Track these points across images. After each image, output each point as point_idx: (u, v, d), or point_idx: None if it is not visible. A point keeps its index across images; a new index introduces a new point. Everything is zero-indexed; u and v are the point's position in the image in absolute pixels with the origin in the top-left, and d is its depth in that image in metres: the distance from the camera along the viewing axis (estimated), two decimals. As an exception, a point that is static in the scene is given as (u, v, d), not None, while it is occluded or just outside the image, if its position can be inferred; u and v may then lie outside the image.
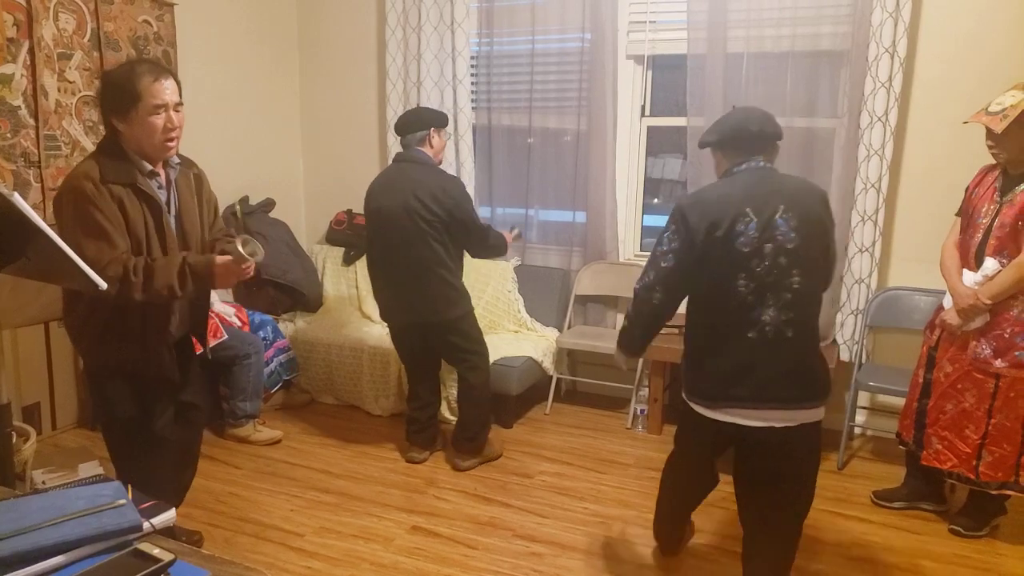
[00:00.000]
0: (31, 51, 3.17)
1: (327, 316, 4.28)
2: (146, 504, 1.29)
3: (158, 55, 3.71)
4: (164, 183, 2.16)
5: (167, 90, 2.04)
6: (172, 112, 2.06)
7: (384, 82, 4.32)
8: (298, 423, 3.80)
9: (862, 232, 3.46)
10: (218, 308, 3.57)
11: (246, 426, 3.54)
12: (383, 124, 4.42)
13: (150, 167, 2.10)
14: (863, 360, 3.52)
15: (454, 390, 3.54)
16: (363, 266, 4.23)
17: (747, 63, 3.61)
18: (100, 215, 1.97)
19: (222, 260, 2.05)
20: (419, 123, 3.15)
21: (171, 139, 2.08)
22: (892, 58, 3.28)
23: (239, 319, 3.70)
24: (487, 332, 3.99)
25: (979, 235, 2.64)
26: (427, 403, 3.39)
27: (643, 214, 4.15)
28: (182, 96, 2.12)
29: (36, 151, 3.25)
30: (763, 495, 2.19)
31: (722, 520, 2.80)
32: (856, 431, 3.65)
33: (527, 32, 4.05)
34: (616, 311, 4.15)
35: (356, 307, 4.35)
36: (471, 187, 4.20)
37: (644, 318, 2.22)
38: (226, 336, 3.42)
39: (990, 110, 2.54)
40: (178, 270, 2.02)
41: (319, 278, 4.49)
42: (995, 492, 2.66)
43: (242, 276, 2.11)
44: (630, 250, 4.16)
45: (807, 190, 2.12)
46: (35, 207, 3.09)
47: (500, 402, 3.76)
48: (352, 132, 4.62)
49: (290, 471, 3.28)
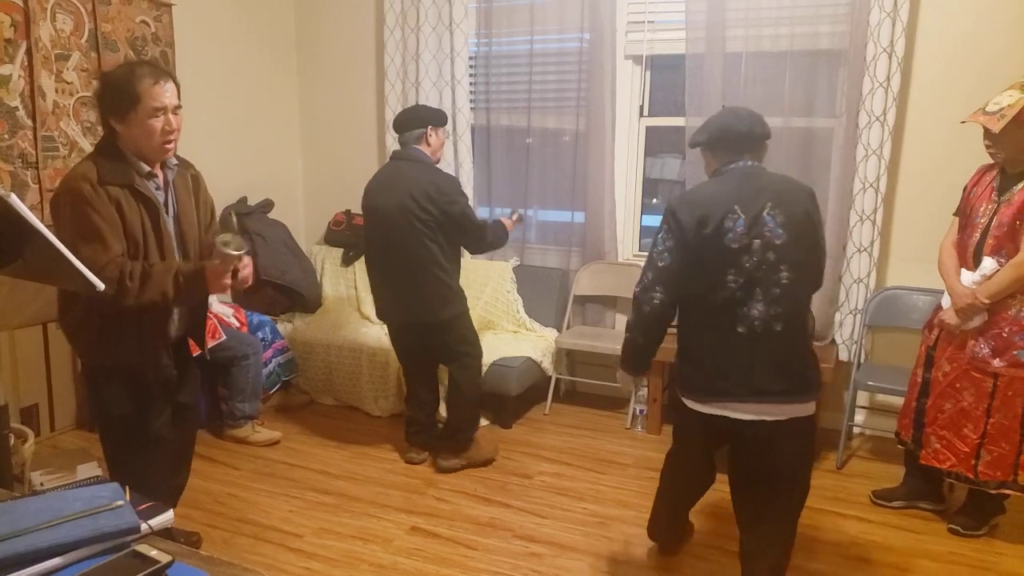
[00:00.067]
0: (28, 52, 3.17)
1: (326, 317, 4.28)
2: (144, 505, 1.29)
3: (156, 56, 3.70)
4: (162, 184, 2.16)
5: (167, 93, 2.04)
6: (171, 115, 2.06)
7: (383, 83, 4.32)
8: (297, 424, 3.79)
9: (860, 232, 3.47)
10: (216, 309, 3.57)
11: (245, 427, 3.54)
12: (382, 125, 4.41)
13: (148, 168, 2.10)
14: (862, 360, 3.52)
15: (450, 390, 3.54)
16: (362, 267, 4.22)
17: (745, 63, 3.61)
18: (97, 217, 1.97)
19: (211, 265, 2.05)
20: (416, 121, 3.13)
21: (169, 141, 2.08)
22: (890, 58, 3.28)
23: (237, 320, 3.70)
24: (486, 332, 4.00)
25: (977, 234, 2.64)
26: (425, 404, 3.39)
27: (642, 214, 4.15)
28: (180, 98, 2.12)
29: (34, 152, 3.24)
30: (757, 491, 2.21)
31: (721, 520, 2.80)
32: (855, 430, 3.65)
33: (526, 32, 4.05)
34: (615, 311, 4.15)
35: (355, 308, 4.35)
36: (470, 187, 4.20)
37: (646, 320, 2.20)
38: (224, 337, 3.43)
39: (987, 110, 2.54)
40: (172, 277, 2.02)
41: (318, 279, 4.49)
42: (994, 491, 2.67)
43: (244, 281, 2.11)
44: (629, 250, 4.16)
45: (795, 188, 2.15)
46: (33, 208, 3.08)
47: (499, 402, 3.77)
48: (351, 132, 4.62)
49: (289, 472, 3.27)
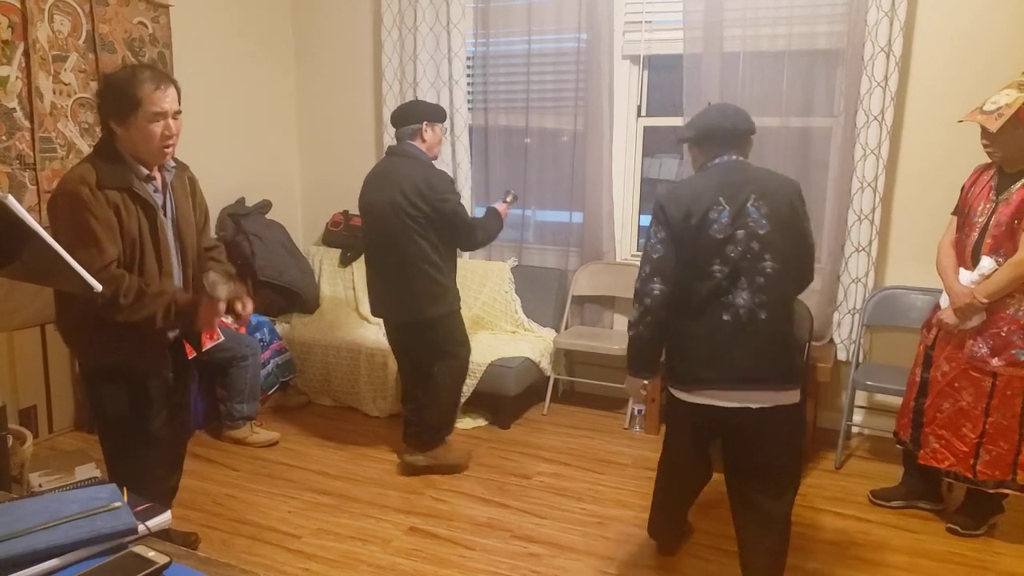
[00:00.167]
0: (26, 53, 3.17)
1: (324, 317, 4.28)
2: (141, 506, 1.29)
3: (153, 57, 3.70)
4: (160, 187, 2.15)
5: (168, 98, 2.04)
6: (171, 120, 2.06)
7: (380, 83, 4.31)
8: (295, 424, 3.79)
9: (859, 231, 3.47)
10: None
11: (243, 428, 3.53)
12: (379, 125, 4.41)
13: (146, 171, 2.10)
14: (860, 359, 3.52)
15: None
16: (360, 267, 4.23)
17: (743, 62, 3.61)
18: (94, 221, 1.97)
19: (205, 303, 2.09)
20: (412, 116, 3.10)
21: (168, 146, 2.08)
22: (888, 57, 3.28)
23: (236, 320, 3.69)
24: (484, 332, 4.00)
25: (975, 234, 2.64)
26: (423, 404, 3.38)
27: (639, 214, 4.15)
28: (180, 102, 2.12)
29: (31, 153, 3.24)
30: (746, 480, 2.24)
31: (719, 520, 2.79)
32: (853, 430, 3.65)
33: (523, 32, 4.05)
34: (613, 311, 4.15)
35: (353, 308, 4.34)
36: (468, 188, 4.20)
37: (649, 314, 2.18)
38: (223, 338, 3.41)
39: (985, 109, 2.54)
40: (165, 306, 2.04)
41: (316, 279, 4.48)
42: (992, 491, 2.67)
43: (245, 320, 2.24)
44: (627, 250, 4.16)
45: (780, 181, 2.20)
46: (30, 210, 3.09)
47: (497, 403, 3.77)
48: (348, 133, 4.61)
49: (287, 473, 3.27)
